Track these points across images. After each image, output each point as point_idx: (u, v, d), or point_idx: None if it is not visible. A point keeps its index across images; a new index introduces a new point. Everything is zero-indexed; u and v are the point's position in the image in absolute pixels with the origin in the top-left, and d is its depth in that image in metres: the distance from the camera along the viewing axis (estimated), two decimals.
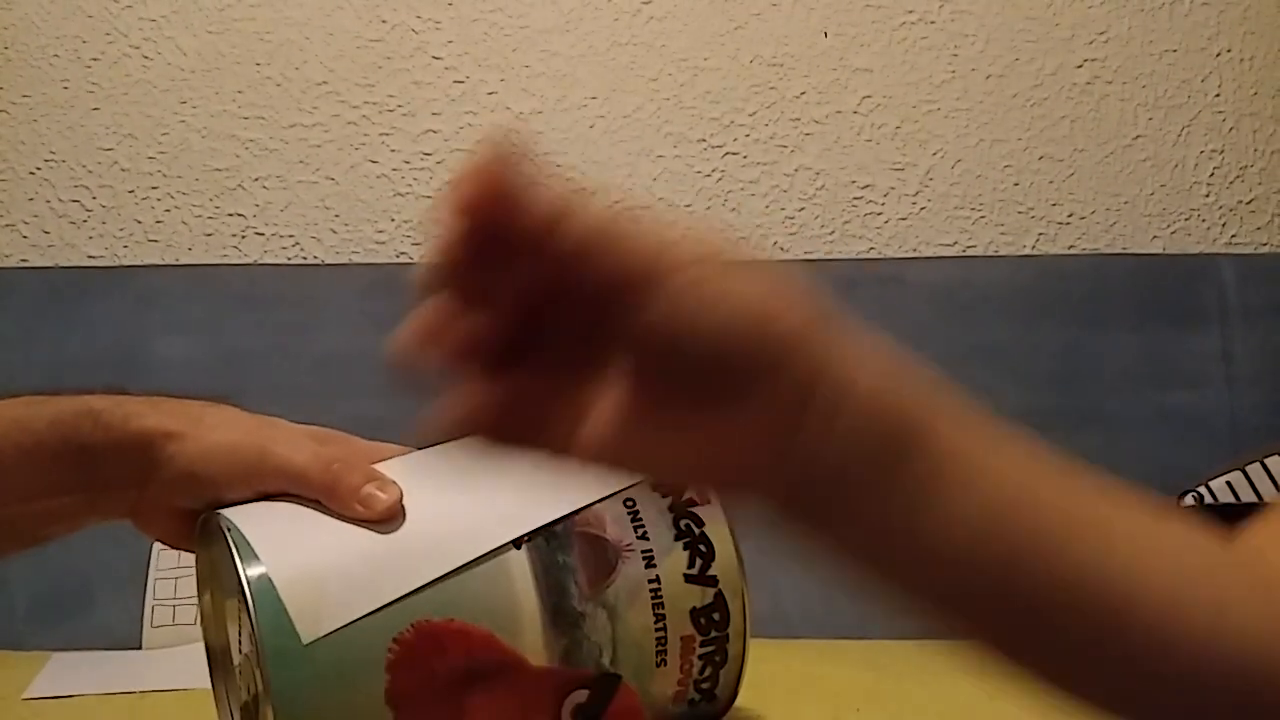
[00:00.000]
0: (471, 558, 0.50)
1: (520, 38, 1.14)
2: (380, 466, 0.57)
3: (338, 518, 0.54)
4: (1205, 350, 1.08)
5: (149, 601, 0.96)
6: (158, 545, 0.98)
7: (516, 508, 0.55)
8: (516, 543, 0.54)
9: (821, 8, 1.15)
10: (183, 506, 0.58)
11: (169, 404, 0.59)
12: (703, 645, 0.59)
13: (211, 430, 0.56)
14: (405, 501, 0.54)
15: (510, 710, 0.53)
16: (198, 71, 1.13)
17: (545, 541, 0.55)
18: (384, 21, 1.14)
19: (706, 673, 0.59)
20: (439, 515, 0.51)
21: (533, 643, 0.53)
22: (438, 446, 0.60)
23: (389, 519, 0.53)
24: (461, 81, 1.14)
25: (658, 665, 0.57)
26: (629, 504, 0.58)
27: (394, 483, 0.53)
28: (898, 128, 1.15)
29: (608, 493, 0.57)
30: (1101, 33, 1.15)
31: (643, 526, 0.57)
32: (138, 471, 0.56)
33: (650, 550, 0.57)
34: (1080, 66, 1.15)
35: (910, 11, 1.15)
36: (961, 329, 1.09)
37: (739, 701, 0.64)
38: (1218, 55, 1.16)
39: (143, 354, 1.06)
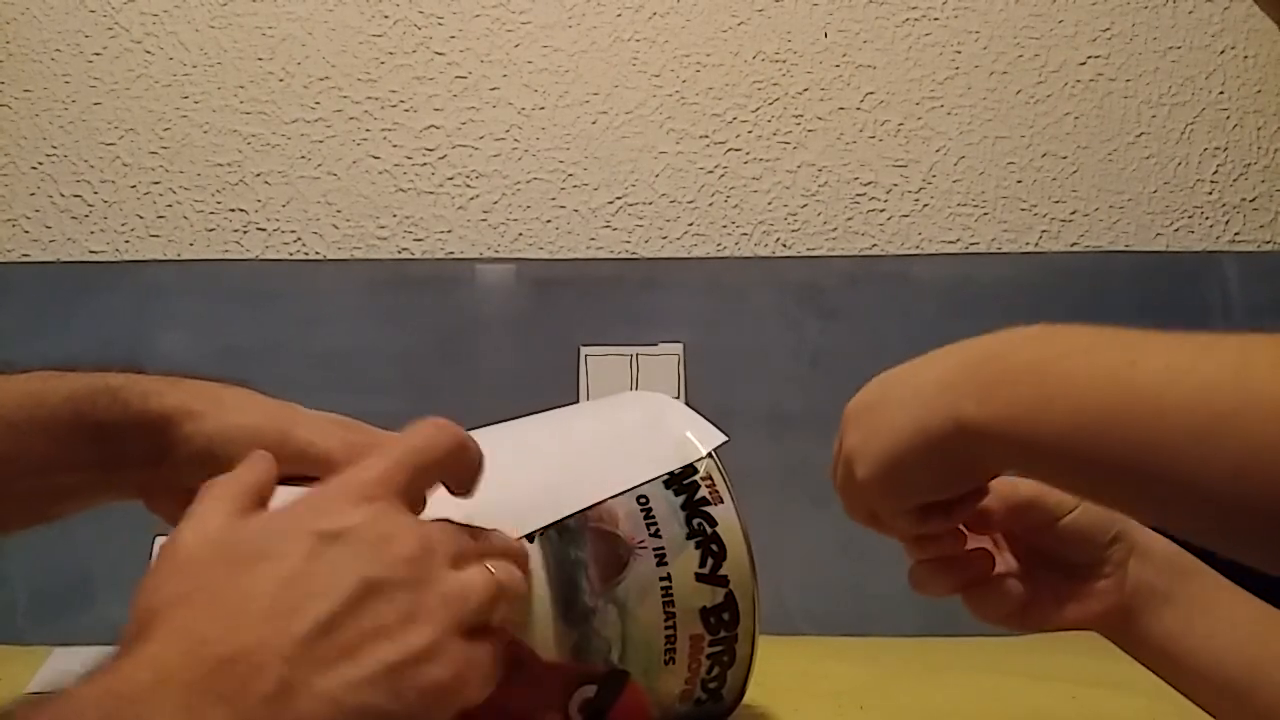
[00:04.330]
0: None
1: (522, 33, 1.14)
2: None
3: None
4: None
5: None
6: (160, 539, 0.98)
7: (530, 501, 0.55)
8: (530, 536, 0.54)
9: (825, 4, 1.15)
10: (198, 486, 0.57)
11: (187, 383, 0.58)
12: (711, 645, 0.58)
13: (232, 411, 0.55)
14: None
15: (520, 703, 0.53)
16: (199, 66, 1.13)
17: (558, 535, 0.54)
18: (386, 17, 1.14)
19: (714, 672, 0.59)
20: (455, 507, 0.51)
21: (543, 636, 0.53)
22: None
23: None
24: (464, 77, 1.14)
25: (666, 663, 0.57)
26: (642, 501, 0.57)
27: None
28: (901, 124, 1.14)
29: (621, 489, 0.57)
30: (1105, 29, 1.15)
31: (655, 524, 0.57)
32: (154, 449, 0.56)
33: (662, 548, 0.57)
34: (1083, 63, 1.15)
35: (913, 8, 1.15)
36: (964, 326, 1.07)
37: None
38: (1221, 52, 1.16)
39: (144, 349, 1.06)
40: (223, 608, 0.38)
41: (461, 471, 0.47)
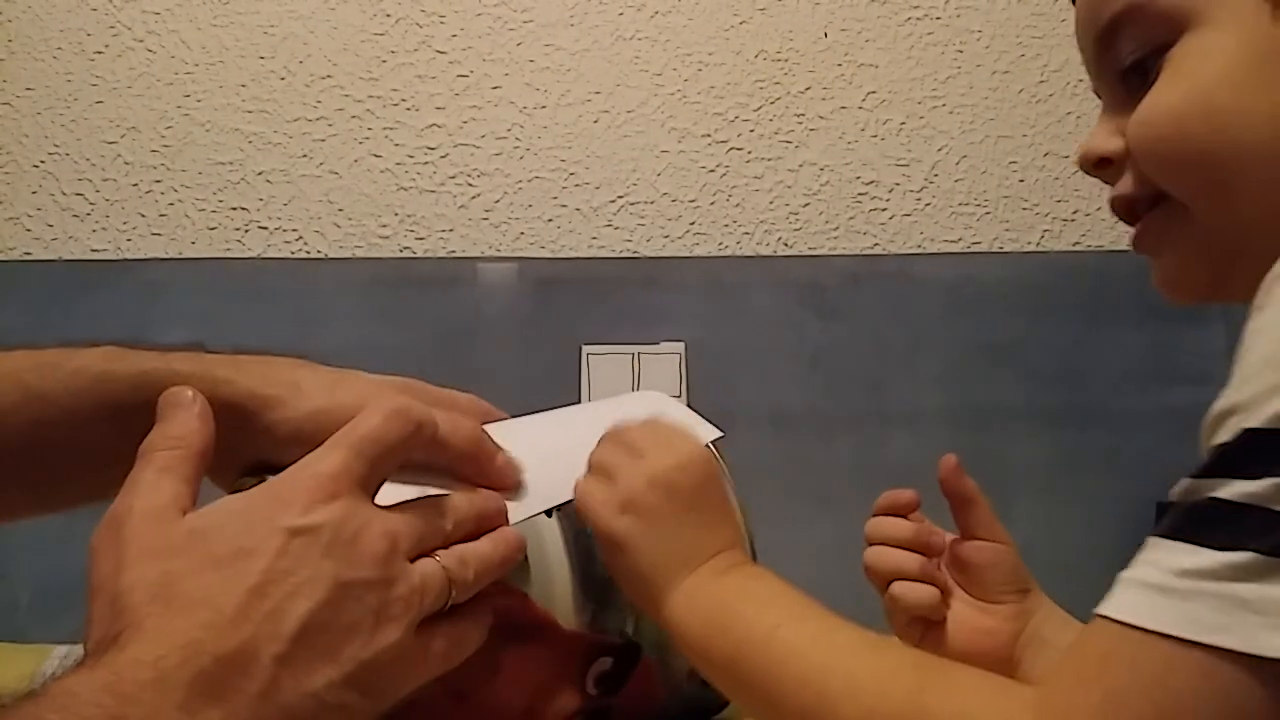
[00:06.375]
0: (510, 523, 0.50)
1: (524, 32, 1.14)
2: None
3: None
4: (1209, 347, 1.08)
5: None
6: None
7: (547, 478, 0.55)
8: (548, 511, 0.54)
9: (826, 3, 1.14)
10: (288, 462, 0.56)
11: (253, 367, 0.56)
12: None
13: (312, 396, 0.55)
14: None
15: (540, 670, 0.54)
16: (201, 65, 1.13)
17: (574, 511, 0.55)
18: (388, 15, 1.14)
19: None
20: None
21: (563, 607, 0.54)
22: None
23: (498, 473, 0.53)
24: (465, 76, 1.14)
25: None
26: None
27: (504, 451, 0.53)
28: (902, 123, 1.14)
29: None
30: None
31: None
32: (224, 439, 0.54)
33: None
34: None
35: (915, 7, 1.15)
36: (966, 325, 1.09)
37: None
38: None
39: None
40: (208, 605, 0.39)
41: (420, 450, 0.49)
